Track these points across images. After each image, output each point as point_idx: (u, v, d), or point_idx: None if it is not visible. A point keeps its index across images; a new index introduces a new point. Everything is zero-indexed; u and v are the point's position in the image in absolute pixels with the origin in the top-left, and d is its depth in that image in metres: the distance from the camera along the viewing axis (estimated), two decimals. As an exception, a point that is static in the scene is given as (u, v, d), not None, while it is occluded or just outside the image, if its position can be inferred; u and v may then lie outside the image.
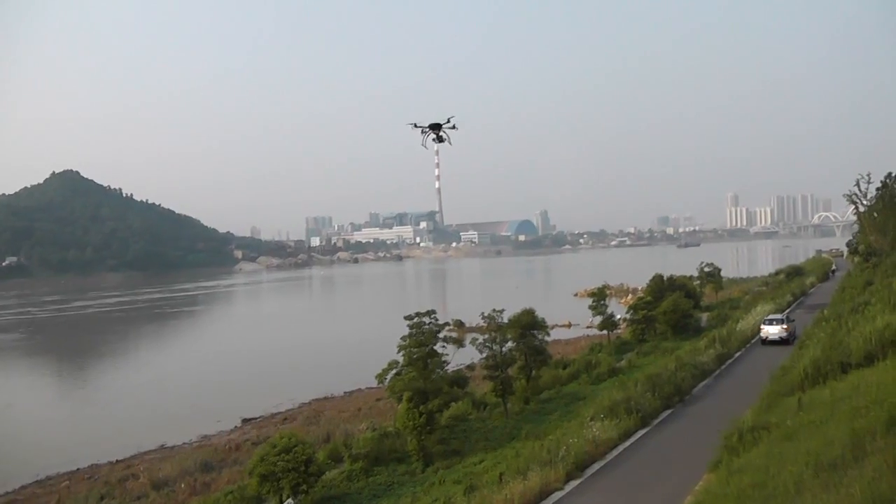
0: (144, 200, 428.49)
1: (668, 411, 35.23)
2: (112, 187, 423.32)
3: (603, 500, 23.79)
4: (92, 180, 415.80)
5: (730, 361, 47.15)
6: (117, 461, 45.35)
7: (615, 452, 29.02)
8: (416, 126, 21.15)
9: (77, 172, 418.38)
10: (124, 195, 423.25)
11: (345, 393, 61.63)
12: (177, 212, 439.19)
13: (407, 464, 35.02)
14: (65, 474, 43.37)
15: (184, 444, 48.84)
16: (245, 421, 53.99)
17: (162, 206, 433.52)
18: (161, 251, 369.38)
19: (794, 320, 57.28)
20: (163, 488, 38.42)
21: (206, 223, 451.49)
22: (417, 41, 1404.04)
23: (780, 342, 51.96)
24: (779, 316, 57.50)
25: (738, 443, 23.16)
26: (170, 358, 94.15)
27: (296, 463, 29.50)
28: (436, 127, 21.52)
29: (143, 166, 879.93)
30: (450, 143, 21.64)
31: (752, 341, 54.07)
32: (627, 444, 30.18)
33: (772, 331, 53.85)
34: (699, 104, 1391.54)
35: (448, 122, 21.40)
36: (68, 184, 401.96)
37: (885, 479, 12.04)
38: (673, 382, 37.52)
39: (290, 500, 30.44)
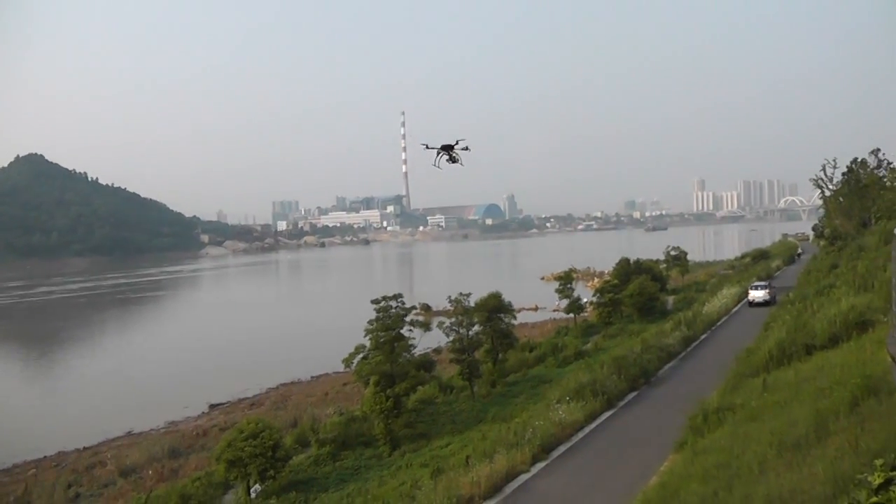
0: (110, 184, 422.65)
1: (634, 393, 35.35)
2: (77, 171, 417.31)
3: (569, 481, 23.81)
4: (57, 164, 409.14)
5: (695, 343, 47.42)
6: (84, 448, 44.88)
7: (581, 434, 29.06)
8: (428, 147, 21.52)
9: (41, 156, 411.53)
10: (90, 179, 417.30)
11: (312, 377, 61.46)
12: (142, 196, 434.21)
13: (374, 448, 35.00)
14: (31, 462, 42.83)
15: (151, 430, 48.45)
16: (212, 406, 53.67)
17: (127, 189, 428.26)
18: (127, 236, 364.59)
19: (774, 286, 66.35)
20: (131, 475, 38.15)
21: (171, 207, 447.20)
22: (388, 32, 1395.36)
23: (764, 304, 60.34)
24: (763, 283, 68.07)
25: (703, 423, 23.27)
26: (134, 344, 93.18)
27: (263, 448, 29.34)
28: (448, 148, 21.93)
29: (109, 150, 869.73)
30: (461, 164, 21.85)
31: (718, 323, 54.48)
32: (593, 425, 30.24)
33: (757, 294, 63.39)
34: (665, 90, 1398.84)
35: (458, 143, 21.93)
36: (33, 168, 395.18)
37: (847, 459, 12.09)
38: (639, 364, 37.67)
39: (257, 486, 30.28)
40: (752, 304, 62.76)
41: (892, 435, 11.66)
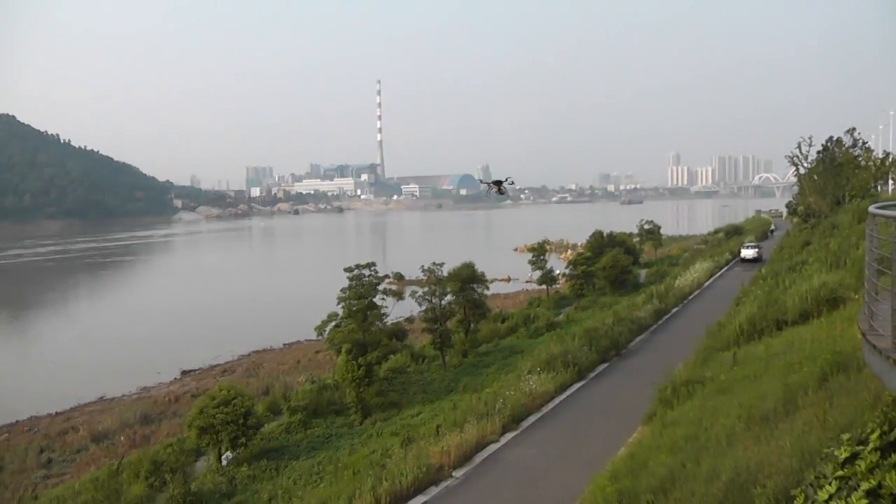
0: (83, 147, 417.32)
1: (605, 365, 35.54)
2: (49, 133, 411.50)
3: (538, 451, 23.92)
4: (29, 125, 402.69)
5: (667, 317, 47.69)
6: (57, 413, 44.53)
7: (551, 405, 29.19)
8: (482, 182, 25.34)
9: (13, 117, 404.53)
10: (62, 141, 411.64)
11: (284, 345, 61.27)
12: (115, 159, 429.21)
13: (345, 416, 34.98)
14: (4, 427, 42.45)
15: (123, 395, 48.14)
16: (184, 373, 53.40)
17: (100, 153, 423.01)
18: (100, 199, 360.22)
19: (762, 246, 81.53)
20: (103, 441, 37.93)
21: (145, 171, 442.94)
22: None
23: (753, 260, 73.57)
24: (753, 243, 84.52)
25: (673, 396, 23.40)
26: (104, 310, 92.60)
27: (235, 416, 29.24)
28: (498, 183, 26.61)
29: (82, 112, 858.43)
30: (509, 198, 24.06)
31: (690, 297, 54.77)
32: (563, 396, 30.38)
33: (748, 253, 77.34)
34: (642, 65, 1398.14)
35: (507, 180, 26.79)
36: (4, 128, 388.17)
37: (814, 433, 12.15)
38: (610, 336, 37.86)
39: (228, 453, 30.20)
40: (743, 260, 75.93)
41: (859, 410, 11.72)
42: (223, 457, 30.07)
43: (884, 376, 7.66)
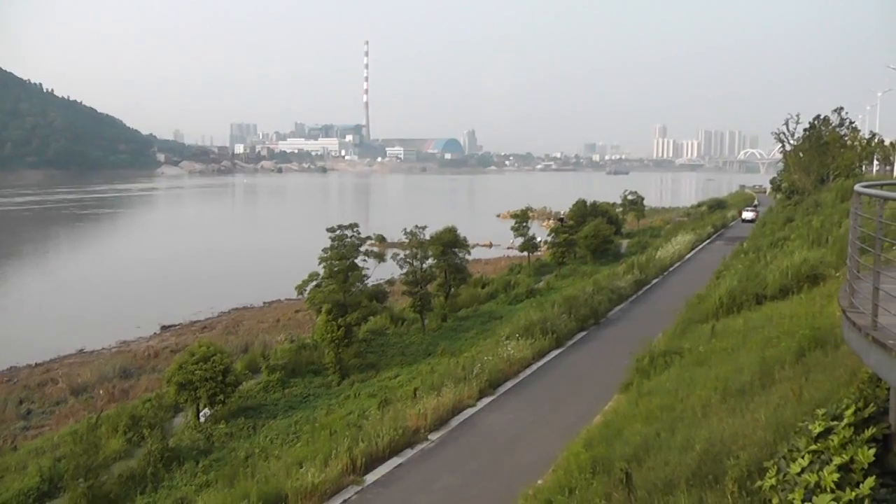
0: (66, 97, 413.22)
1: (583, 333, 35.73)
2: (32, 81, 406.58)
3: (514, 417, 24.07)
4: (11, 73, 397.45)
5: (647, 287, 47.92)
6: (36, 364, 44.19)
7: (528, 371, 29.36)
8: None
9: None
10: (45, 90, 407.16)
11: (264, 303, 61.12)
12: (98, 110, 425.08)
13: (323, 376, 35.01)
14: (-18, 376, 42.28)
15: (103, 349, 47.85)
16: (164, 328, 53.15)
17: (83, 103, 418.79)
18: (83, 150, 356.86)
19: (759, 208, 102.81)
20: (82, 394, 37.77)
21: (128, 124, 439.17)
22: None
23: (752, 221, 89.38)
24: (752, 207, 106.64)
25: (650, 366, 23.55)
26: (82, 263, 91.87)
27: (213, 372, 29.19)
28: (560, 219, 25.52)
29: (63, 58, 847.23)
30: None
31: (671, 269, 55.03)
32: (541, 363, 30.55)
33: (748, 215, 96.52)
34: (630, 36, 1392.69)
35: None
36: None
37: (789, 406, 12.25)
38: (589, 305, 38.02)
39: (206, 410, 30.20)
40: (744, 221, 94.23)
41: (835, 386, 11.81)
42: (201, 414, 30.07)
43: (862, 353, 7.72)
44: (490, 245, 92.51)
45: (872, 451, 7.31)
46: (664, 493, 11.60)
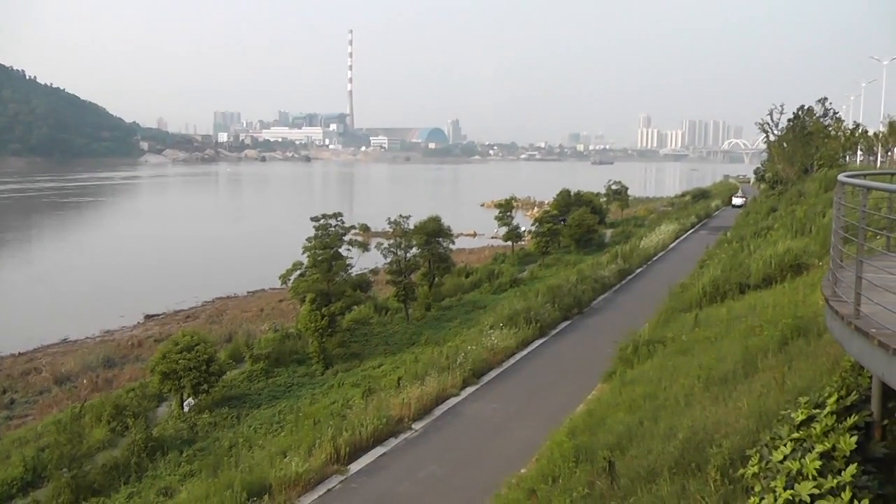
0: (49, 84, 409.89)
1: (567, 322, 35.77)
2: (15, 68, 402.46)
3: (497, 406, 24.09)
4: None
5: (630, 277, 48.01)
6: (20, 353, 43.88)
7: (512, 361, 29.40)
8: None
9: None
10: (28, 77, 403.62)
11: (248, 293, 60.89)
12: (81, 98, 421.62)
13: (307, 366, 34.96)
14: (-34, 366, 41.96)
15: (87, 338, 47.55)
16: (148, 317, 52.84)
17: (66, 91, 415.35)
18: (66, 138, 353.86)
19: (747, 196, 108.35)
20: (65, 383, 37.51)
21: (111, 112, 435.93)
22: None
23: (741, 206, 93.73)
24: (741, 193, 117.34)
25: (633, 355, 23.63)
26: (64, 252, 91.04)
27: (197, 362, 29.09)
28: None
29: (46, 45, 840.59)
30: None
31: (654, 258, 55.16)
32: (525, 352, 30.59)
33: (738, 201, 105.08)
34: (615, 25, 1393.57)
35: None
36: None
37: (772, 395, 12.30)
38: (573, 294, 38.09)
39: (190, 400, 30.10)
40: (733, 206, 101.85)
41: (817, 374, 11.87)
42: (185, 403, 29.98)
43: (844, 341, 7.75)
44: (474, 234, 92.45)
45: (854, 438, 7.34)
46: (647, 481, 11.64)
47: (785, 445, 8.18)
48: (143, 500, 21.01)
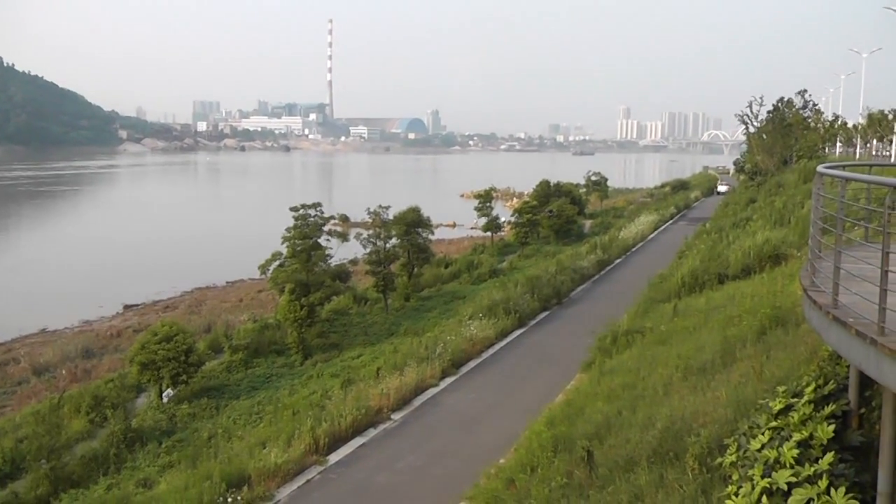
0: (27, 72, 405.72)
1: (546, 313, 35.86)
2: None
3: (476, 396, 24.14)
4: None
5: (609, 267, 48.16)
6: (-3, 344, 43.73)
7: (491, 351, 29.46)
8: None
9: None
10: (5, 64, 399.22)
11: (227, 283, 60.60)
12: (60, 86, 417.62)
13: (286, 356, 34.86)
14: (-57, 356, 41.53)
15: (65, 328, 47.18)
16: (127, 307, 52.48)
17: (44, 78, 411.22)
18: (44, 126, 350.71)
19: (732, 184, 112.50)
20: (44, 374, 37.20)
21: (90, 100, 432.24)
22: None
23: (725, 193, 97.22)
24: (726, 180, 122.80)
25: (612, 345, 23.73)
26: (42, 241, 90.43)
27: (176, 352, 28.95)
28: None
29: (23, 33, 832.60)
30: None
31: (633, 249, 55.34)
32: (504, 343, 30.65)
33: (722, 188, 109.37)
34: (595, 15, 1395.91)
35: None
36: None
37: (750, 385, 12.37)
38: (552, 285, 38.17)
39: (169, 391, 29.97)
40: (717, 193, 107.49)
41: (795, 364, 11.93)
42: (164, 394, 29.85)
43: (822, 331, 7.78)
44: (453, 225, 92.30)
45: (832, 427, 7.39)
46: (625, 470, 11.69)
47: (763, 434, 8.23)
48: (121, 491, 20.84)
